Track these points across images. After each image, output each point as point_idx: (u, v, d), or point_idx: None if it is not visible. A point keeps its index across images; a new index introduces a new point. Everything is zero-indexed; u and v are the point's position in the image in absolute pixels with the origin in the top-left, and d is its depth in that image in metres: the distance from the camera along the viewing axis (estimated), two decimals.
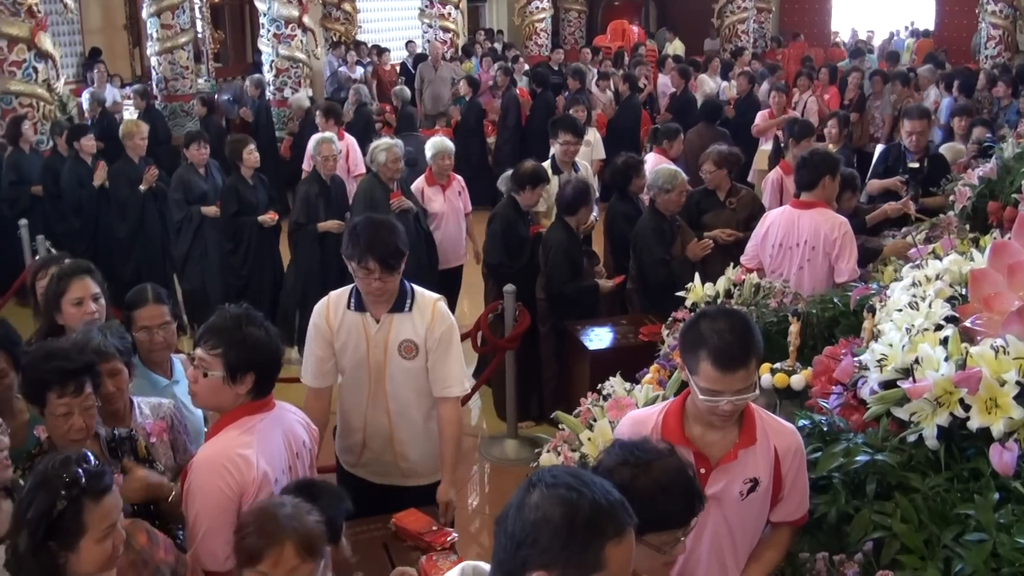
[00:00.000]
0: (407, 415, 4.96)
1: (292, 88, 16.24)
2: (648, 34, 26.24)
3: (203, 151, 9.83)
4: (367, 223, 4.78)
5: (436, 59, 18.34)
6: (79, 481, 2.99)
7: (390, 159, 8.49)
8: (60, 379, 3.75)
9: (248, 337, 3.80)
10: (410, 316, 4.84)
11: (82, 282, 4.89)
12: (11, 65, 12.81)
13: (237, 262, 9.61)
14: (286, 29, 16.37)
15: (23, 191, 11.11)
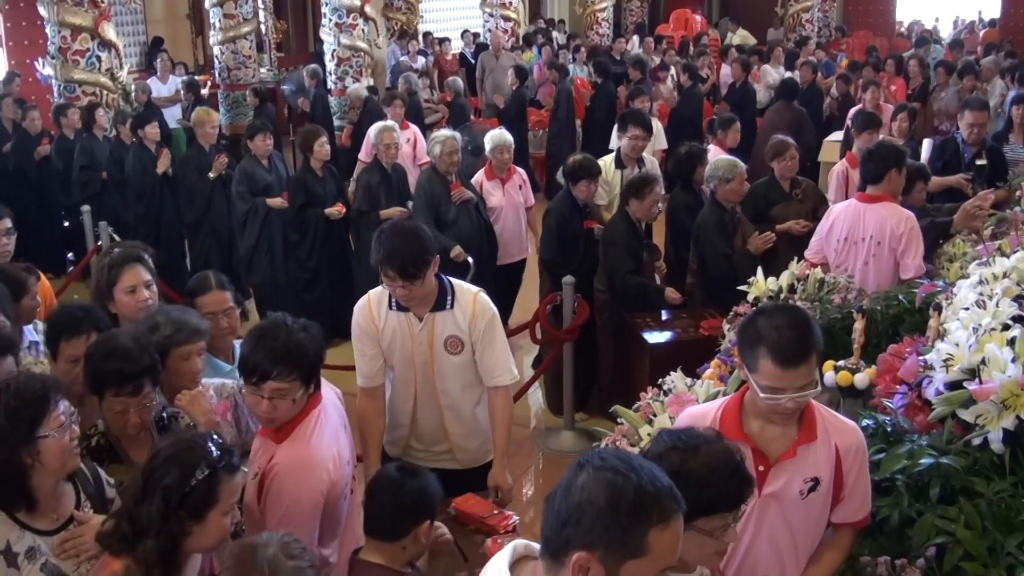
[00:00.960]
0: (458, 409, 4.97)
1: (353, 77, 16.30)
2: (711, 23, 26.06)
3: (268, 142, 9.86)
4: (391, 231, 4.72)
5: (497, 48, 18.32)
6: (215, 456, 3.12)
7: (446, 151, 8.47)
8: (118, 381, 3.82)
9: (306, 346, 3.86)
10: (452, 313, 4.82)
11: (133, 270, 4.90)
12: (75, 54, 13.01)
13: (304, 254, 9.64)
14: (348, 18, 16.42)
15: (94, 176, 11.29)
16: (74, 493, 3.53)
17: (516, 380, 5.07)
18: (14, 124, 12.27)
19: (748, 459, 3.32)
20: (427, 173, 8.76)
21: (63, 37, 13.00)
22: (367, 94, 14.75)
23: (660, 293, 7.29)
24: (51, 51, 13.27)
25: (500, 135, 8.99)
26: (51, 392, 3.29)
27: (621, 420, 4.70)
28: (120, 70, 13.70)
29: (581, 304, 7.39)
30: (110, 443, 3.98)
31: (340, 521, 4.19)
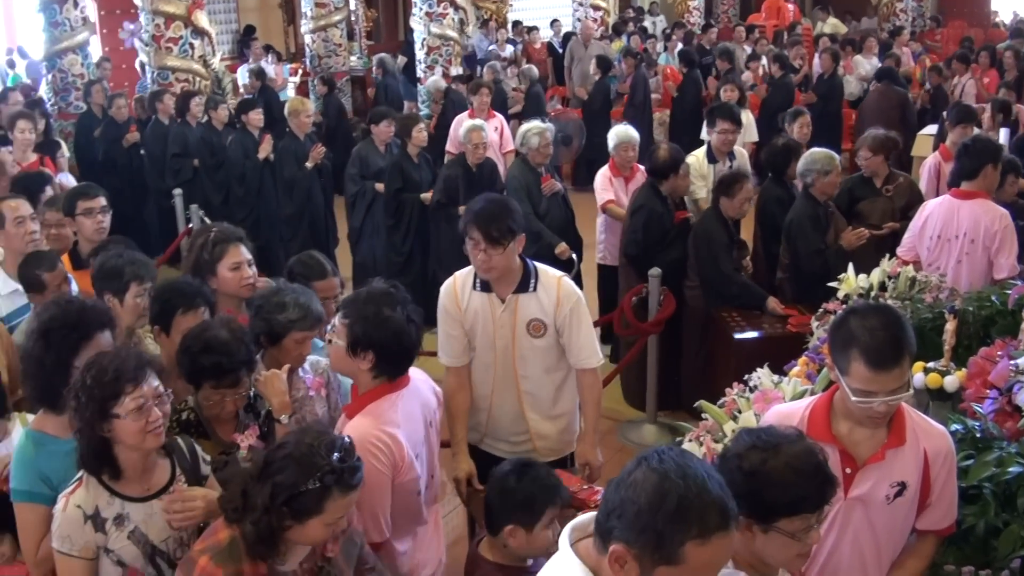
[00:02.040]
0: (538, 394, 4.95)
1: (443, 66, 16.34)
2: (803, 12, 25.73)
3: (390, 129, 9.97)
4: (483, 198, 4.82)
5: (587, 37, 18.23)
6: (335, 471, 3.11)
7: (542, 143, 8.42)
8: (216, 375, 3.93)
9: (376, 316, 3.87)
10: (535, 295, 4.81)
11: (236, 248, 4.98)
12: (168, 42, 13.21)
13: (398, 239, 9.81)
14: (438, 7, 16.45)
15: (186, 163, 11.47)
16: (169, 466, 3.61)
17: (602, 363, 5.06)
18: (104, 110, 12.51)
19: (835, 461, 3.29)
20: (518, 165, 8.73)
21: (157, 25, 13.21)
22: (446, 85, 14.79)
23: (763, 298, 7.13)
24: (145, 39, 13.49)
25: (625, 131, 8.71)
26: (129, 374, 3.34)
27: (705, 415, 4.67)
28: (212, 58, 13.89)
29: (667, 297, 7.32)
30: (199, 419, 4.08)
31: (415, 517, 4.21)
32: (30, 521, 3.74)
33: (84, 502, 3.41)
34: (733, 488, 2.78)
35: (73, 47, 14.01)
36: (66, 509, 3.41)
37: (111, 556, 3.44)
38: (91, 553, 3.42)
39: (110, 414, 3.31)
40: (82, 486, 3.45)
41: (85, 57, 14.23)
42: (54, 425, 3.78)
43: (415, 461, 3.96)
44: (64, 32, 13.89)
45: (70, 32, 13.92)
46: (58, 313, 3.88)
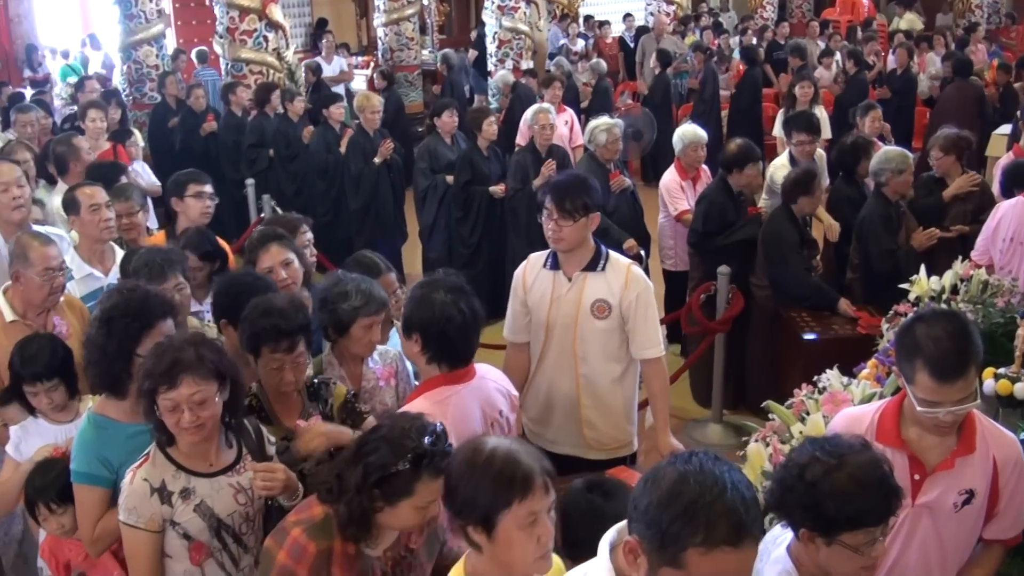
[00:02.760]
0: (594, 379, 4.96)
1: (513, 60, 16.34)
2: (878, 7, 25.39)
3: (453, 119, 10.01)
4: (564, 172, 4.92)
5: (660, 31, 18.14)
6: (426, 453, 3.12)
7: (610, 140, 8.36)
8: (274, 337, 3.98)
9: (422, 298, 3.93)
10: (603, 276, 4.85)
11: (268, 252, 5.04)
12: (243, 34, 13.35)
13: (466, 230, 9.85)
14: (510, 1, 16.46)
15: (262, 153, 11.60)
16: (236, 447, 3.70)
17: (663, 354, 5.07)
18: (178, 101, 12.68)
19: (903, 467, 3.27)
20: (586, 161, 8.68)
21: (231, 18, 13.36)
22: (514, 79, 14.78)
23: (834, 300, 7.02)
24: (219, 31, 13.64)
25: (693, 131, 8.56)
26: (162, 377, 3.40)
27: (772, 416, 4.64)
28: (286, 50, 14.01)
29: (736, 295, 7.28)
30: (261, 405, 4.14)
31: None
32: (88, 502, 3.83)
33: (151, 475, 3.50)
34: (795, 498, 2.78)
35: (148, 39, 14.17)
36: (133, 482, 3.50)
37: (177, 529, 3.52)
38: (156, 525, 3.50)
39: (156, 404, 3.42)
40: (149, 460, 3.54)
41: (160, 49, 14.39)
42: (116, 409, 3.87)
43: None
44: (139, 24, 14.05)
45: (145, 24, 14.07)
46: (120, 301, 3.95)
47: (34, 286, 4.84)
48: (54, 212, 6.91)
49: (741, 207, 7.66)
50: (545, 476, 2.87)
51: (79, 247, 5.84)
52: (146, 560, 3.54)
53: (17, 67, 18.19)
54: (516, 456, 2.86)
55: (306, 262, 5.31)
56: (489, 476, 2.81)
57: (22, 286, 4.87)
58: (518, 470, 2.82)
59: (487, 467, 2.84)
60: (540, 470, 2.87)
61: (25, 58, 18.21)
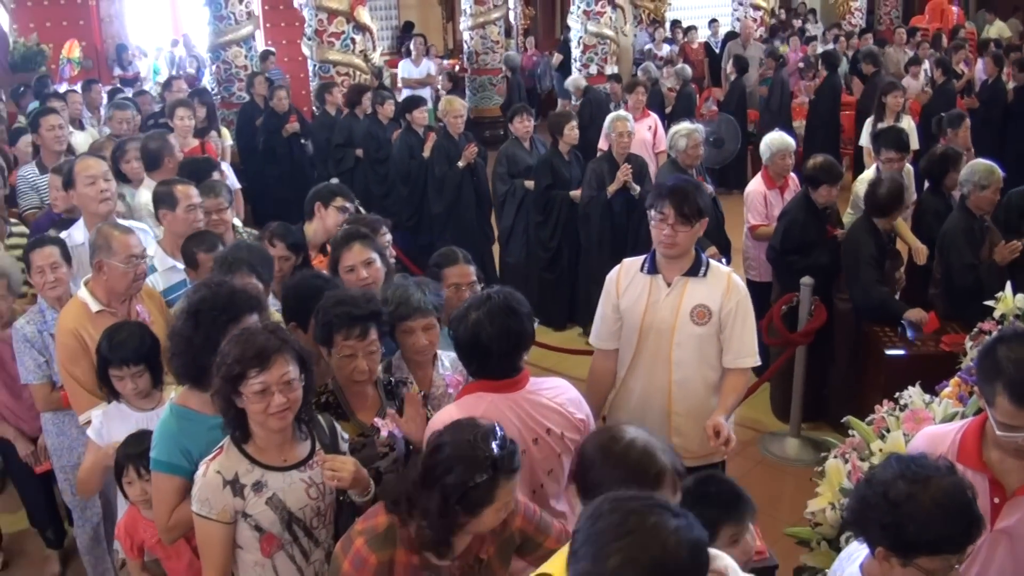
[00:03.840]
0: (688, 386, 4.86)
1: (598, 65, 16.33)
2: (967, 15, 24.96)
3: (527, 123, 10.01)
4: (674, 178, 4.85)
5: (746, 38, 18.02)
6: (498, 460, 3.12)
7: (690, 145, 8.33)
8: (347, 323, 4.01)
9: (461, 316, 3.91)
10: (704, 281, 4.78)
11: (351, 251, 5.07)
12: (331, 36, 13.54)
13: (546, 235, 9.84)
14: (596, 6, 16.47)
15: (348, 153, 11.71)
16: (309, 442, 3.74)
17: (758, 365, 4.97)
18: (264, 101, 12.83)
19: (984, 489, 3.19)
20: (667, 166, 8.63)
21: (320, 20, 13.56)
22: (585, 83, 14.74)
23: (902, 310, 6.87)
24: (307, 33, 13.79)
25: (781, 139, 8.39)
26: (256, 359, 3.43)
27: (852, 432, 4.58)
28: (373, 52, 14.13)
29: (818, 307, 7.17)
30: (337, 401, 4.16)
31: None
32: (165, 490, 3.88)
33: (224, 468, 3.54)
34: (875, 516, 2.74)
35: (237, 40, 14.40)
36: (206, 474, 3.54)
37: (249, 521, 3.56)
38: (228, 517, 3.54)
39: (237, 391, 3.45)
40: (223, 453, 3.59)
41: (249, 49, 14.60)
42: (198, 401, 3.90)
43: None
44: (229, 25, 14.29)
45: (235, 25, 14.31)
46: (208, 295, 3.99)
47: (118, 273, 4.92)
48: (142, 206, 7.04)
49: (824, 224, 7.50)
50: (675, 476, 2.89)
51: (163, 241, 5.96)
52: (217, 550, 3.59)
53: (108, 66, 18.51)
54: (653, 451, 2.90)
55: (387, 262, 5.33)
56: (623, 466, 2.86)
57: (105, 275, 4.95)
58: (653, 465, 2.86)
59: (623, 457, 2.88)
60: (672, 470, 2.89)
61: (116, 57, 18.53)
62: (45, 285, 5.38)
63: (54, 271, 5.38)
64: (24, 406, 5.70)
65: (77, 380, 4.91)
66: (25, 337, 5.26)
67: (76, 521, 5.55)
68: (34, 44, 15.85)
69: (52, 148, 8.26)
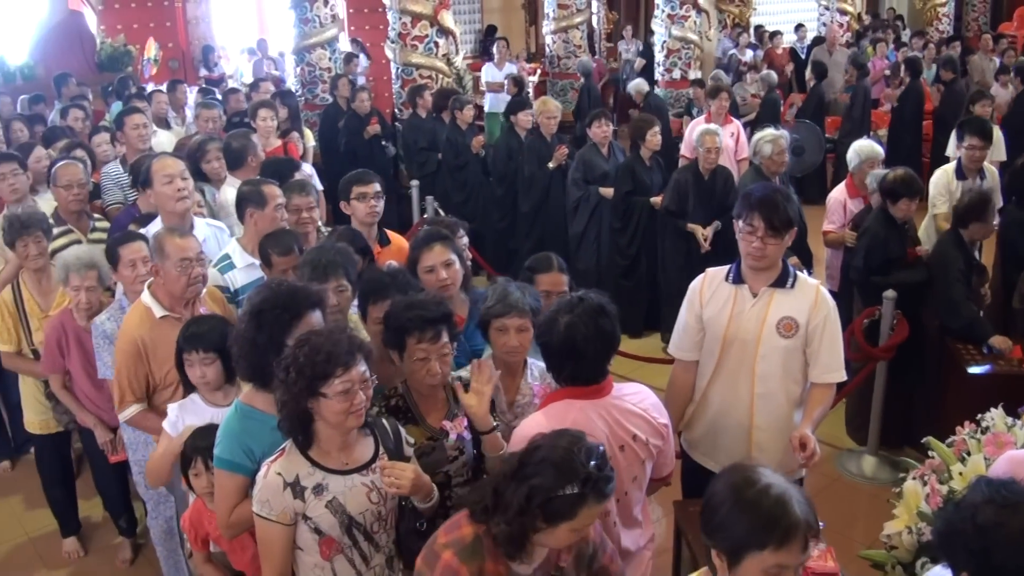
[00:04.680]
0: (771, 399, 4.74)
1: (681, 70, 16.25)
2: None
3: (604, 129, 9.95)
4: (764, 186, 4.75)
5: (832, 43, 17.83)
6: (593, 479, 3.07)
7: (775, 151, 8.23)
8: (419, 326, 4.01)
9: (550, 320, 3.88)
10: (792, 293, 4.67)
11: (431, 251, 5.07)
12: (414, 40, 13.63)
13: (625, 241, 9.77)
14: (680, 10, 16.42)
15: (431, 157, 11.77)
16: (373, 444, 3.74)
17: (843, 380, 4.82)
18: (347, 103, 12.92)
19: None
20: (750, 174, 8.55)
21: (403, 23, 13.65)
22: (647, 88, 14.66)
23: (988, 334, 6.68)
24: (391, 36, 13.88)
25: (870, 147, 8.26)
26: (341, 357, 3.45)
27: (932, 453, 4.49)
28: (455, 56, 14.18)
29: (900, 322, 6.98)
30: (408, 405, 4.14)
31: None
32: (228, 488, 3.92)
33: (285, 470, 3.56)
34: (962, 541, 2.68)
35: (322, 43, 14.53)
36: (267, 476, 3.56)
37: (309, 523, 3.58)
38: (288, 519, 3.56)
39: (318, 392, 3.45)
40: (284, 455, 3.61)
41: (333, 52, 14.72)
42: (263, 401, 3.93)
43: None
44: (313, 28, 14.42)
45: (319, 28, 14.44)
46: (270, 295, 4.01)
47: (171, 277, 4.96)
48: (223, 205, 7.14)
49: (904, 238, 7.29)
50: (808, 533, 2.76)
51: (244, 239, 5.99)
52: (277, 551, 3.61)
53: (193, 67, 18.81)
54: (788, 502, 2.77)
55: (466, 265, 5.32)
56: (753, 512, 2.75)
57: (162, 279, 5.01)
58: (785, 518, 2.73)
59: (755, 503, 2.77)
60: (806, 525, 2.76)
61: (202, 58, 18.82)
62: (136, 279, 5.44)
63: (144, 264, 5.44)
64: (104, 396, 5.80)
65: (126, 381, 5.01)
66: (105, 334, 5.32)
67: (150, 512, 5.64)
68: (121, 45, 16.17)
69: (136, 146, 8.43)
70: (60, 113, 11.37)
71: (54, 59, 15.76)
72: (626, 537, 4.06)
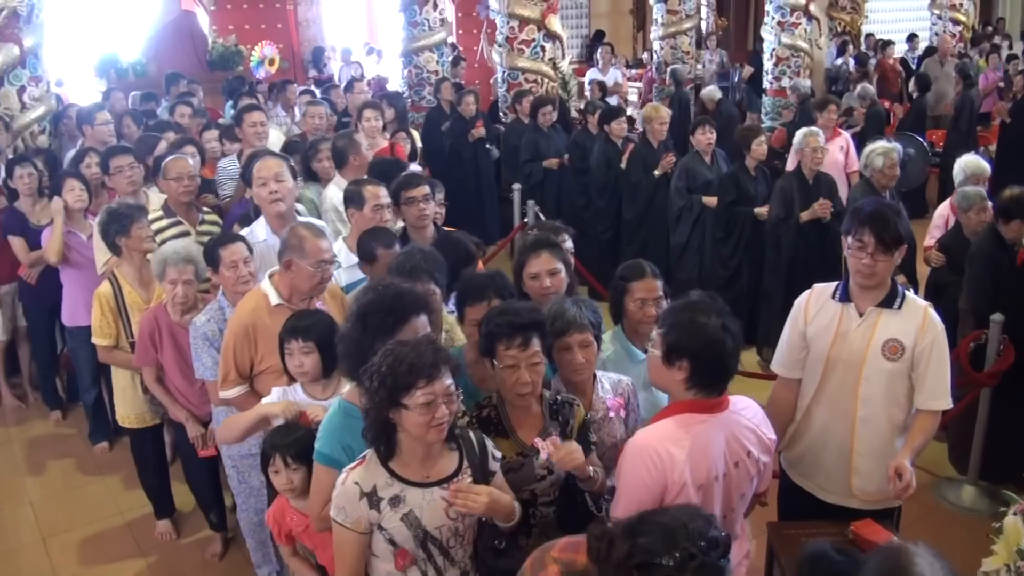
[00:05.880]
0: (873, 424, 4.64)
1: (790, 78, 16.05)
2: None
3: (708, 136, 9.88)
4: (873, 201, 4.65)
5: (944, 54, 17.49)
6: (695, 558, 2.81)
7: (887, 164, 8.10)
8: (508, 332, 3.96)
9: (691, 322, 3.71)
10: (899, 314, 4.55)
11: (538, 258, 5.03)
12: (520, 44, 13.66)
13: (727, 251, 9.65)
14: (791, 17, 16.22)
15: (536, 167, 11.74)
16: (457, 458, 3.70)
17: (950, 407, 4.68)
18: (451, 106, 13.02)
19: None
20: (861, 187, 8.43)
21: (511, 27, 13.67)
22: (719, 96, 14.51)
23: None
24: (498, 40, 13.94)
25: (976, 162, 8.13)
26: (424, 370, 3.42)
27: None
28: (562, 60, 14.18)
29: (1007, 347, 6.74)
30: (499, 416, 4.10)
31: None
32: (324, 482, 3.95)
33: (363, 479, 3.56)
34: None
35: (430, 46, 14.66)
36: (345, 483, 3.57)
37: (384, 534, 3.57)
38: (363, 527, 3.56)
39: (399, 403, 3.43)
40: (364, 464, 3.60)
41: (440, 55, 14.83)
42: None
43: (692, 489, 3.67)
44: (422, 31, 14.57)
45: (428, 32, 14.58)
46: (375, 298, 4.04)
47: (306, 275, 5.02)
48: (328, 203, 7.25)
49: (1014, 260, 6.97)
50: None
51: (350, 238, 6.08)
52: (350, 557, 3.63)
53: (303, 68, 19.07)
54: None
55: (571, 274, 5.26)
56: None
57: (293, 274, 5.05)
58: None
59: None
60: None
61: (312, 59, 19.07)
62: (238, 280, 5.55)
63: (245, 265, 5.57)
64: (195, 391, 5.95)
65: (232, 361, 5.10)
66: (205, 335, 5.42)
67: (240, 507, 5.74)
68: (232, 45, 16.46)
69: (253, 143, 8.58)
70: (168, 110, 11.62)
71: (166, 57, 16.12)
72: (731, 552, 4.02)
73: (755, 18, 22.83)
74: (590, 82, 16.12)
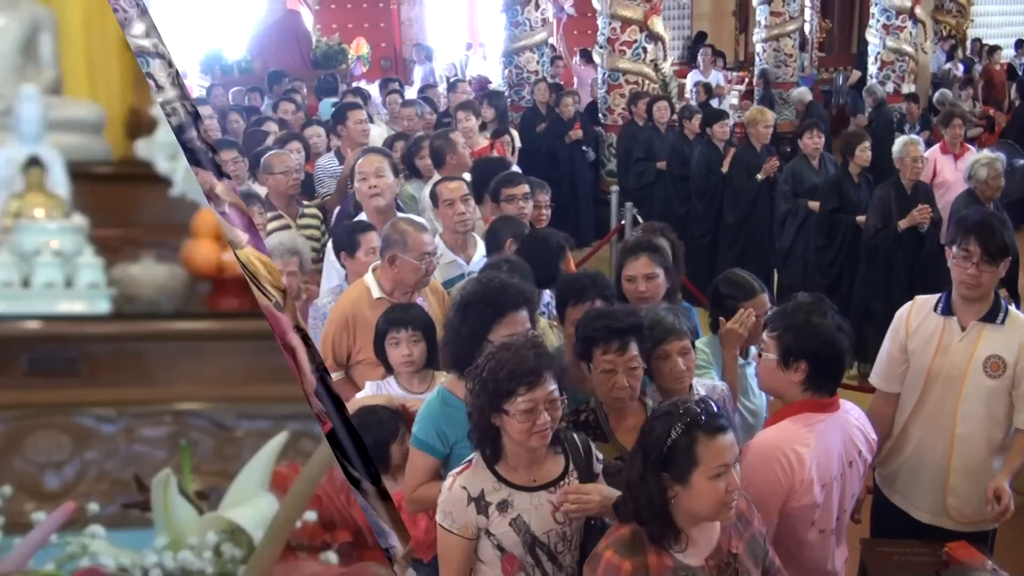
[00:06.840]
0: (972, 443, 4.51)
1: (895, 83, 15.81)
2: None
3: (816, 140, 9.73)
4: (979, 210, 4.62)
5: None
6: (695, 415, 3.07)
7: (991, 175, 7.94)
8: (606, 336, 3.92)
9: (807, 323, 3.73)
10: (1002, 329, 4.43)
11: (636, 261, 4.97)
12: (622, 45, 13.57)
13: (827, 260, 9.40)
14: (896, 20, 15.95)
15: (649, 167, 11.74)
16: (563, 461, 3.65)
17: None
18: (547, 107, 13.04)
19: None
20: (963, 199, 8.21)
21: (613, 28, 13.60)
22: (809, 98, 14.26)
23: None
24: (600, 41, 13.92)
25: None
26: (525, 377, 3.38)
27: None
28: (663, 62, 14.11)
29: None
30: (598, 421, 4.08)
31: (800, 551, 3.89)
32: (419, 466, 4.04)
33: (470, 484, 3.52)
34: None
35: (531, 46, 14.71)
36: (452, 488, 3.54)
37: (492, 539, 3.53)
38: (470, 533, 3.52)
39: (500, 408, 3.40)
40: (471, 468, 3.57)
41: (541, 55, 14.86)
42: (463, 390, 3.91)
43: (817, 487, 3.70)
44: (524, 31, 14.62)
45: (529, 32, 14.64)
46: (478, 289, 4.10)
47: (410, 269, 5.08)
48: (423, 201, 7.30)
49: None
50: None
51: (443, 235, 6.13)
52: (457, 563, 3.60)
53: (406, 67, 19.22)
54: None
55: (672, 277, 5.17)
56: None
57: (397, 268, 5.11)
58: None
59: None
60: None
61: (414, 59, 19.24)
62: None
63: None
64: None
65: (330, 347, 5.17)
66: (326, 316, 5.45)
67: None
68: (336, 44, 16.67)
69: (357, 140, 8.61)
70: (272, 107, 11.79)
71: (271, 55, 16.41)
72: (838, 556, 4.00)
73: (860, 21, 22.47)
74: (694, 84, 16.02)
